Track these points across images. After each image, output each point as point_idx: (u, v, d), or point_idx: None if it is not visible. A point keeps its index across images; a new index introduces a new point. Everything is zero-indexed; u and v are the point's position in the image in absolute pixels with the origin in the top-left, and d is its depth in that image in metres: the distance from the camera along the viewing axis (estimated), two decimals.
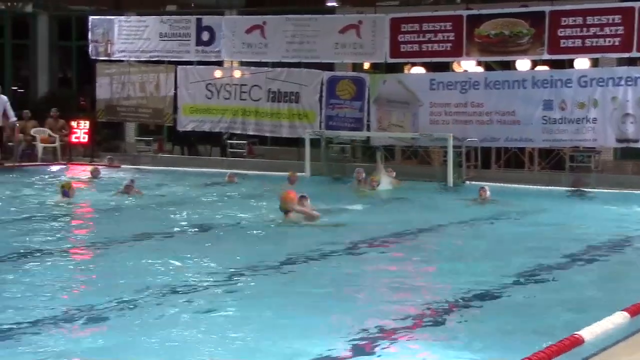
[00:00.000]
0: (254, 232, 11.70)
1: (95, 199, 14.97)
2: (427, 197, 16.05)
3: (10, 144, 21.73)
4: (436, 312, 7.31)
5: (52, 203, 14.14)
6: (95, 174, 17.87)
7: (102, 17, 23.43)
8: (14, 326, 6.64)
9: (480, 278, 8.61)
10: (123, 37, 22.55)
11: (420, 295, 7.97)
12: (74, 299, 7.69)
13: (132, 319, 6.99)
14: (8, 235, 11.14)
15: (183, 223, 12.49)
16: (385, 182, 16.55)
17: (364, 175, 16.62)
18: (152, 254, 9.81)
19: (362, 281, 8.72)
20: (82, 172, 19.83)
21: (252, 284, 8.46)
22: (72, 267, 9.35)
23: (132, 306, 7.37)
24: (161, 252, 9.94)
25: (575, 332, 5.88)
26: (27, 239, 10.84)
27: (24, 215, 12.98)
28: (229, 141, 22.18)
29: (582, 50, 17.76)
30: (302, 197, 12.32)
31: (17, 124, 21.73)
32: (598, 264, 9.84)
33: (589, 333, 5.96)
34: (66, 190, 14.23)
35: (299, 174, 17.39)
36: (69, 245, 10.59)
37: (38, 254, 9.78)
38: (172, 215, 13.32)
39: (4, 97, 21.37)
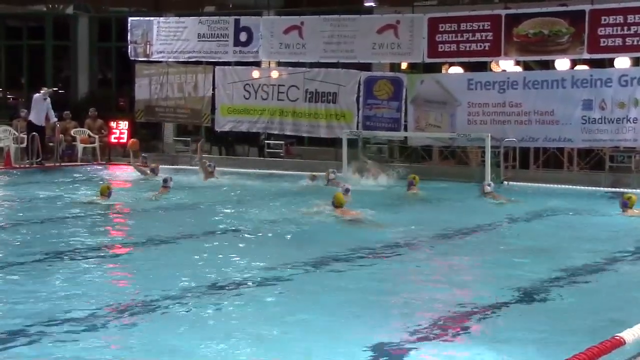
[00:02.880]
0: (293, 231, 11.78)
1: (133, 200, 15.11)
2: (458, 197, 15.97)
3: (50, 144, 22.00)
4: (471, 315, 7.24)
5: (90, 203, 14.26)
6: (155, 171, 18.07)
7: (141, 18, 23.65)
8: (48, 326, 6.70)
9: (515, 279, 8.55)
10: (162, 38, 22.73)
11: (453, 298, 7.89)
12: (108, 299, 7.70)
13: (167, 320, 7.04)
14: (46, 235, 11.27)
15: (222, 223, 12.54)
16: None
17: (333, 175, 16.96)
18: (185, 255, 9.90)
19: (393, 284, 8.61)
20: (122, 171, 20.12)
21: (291, 283, 8.47)
22: (107, 267, 9.39)
23: (164, 306, 7.41)
24: (194, 252, 10.00)
25: (617, 334, 5.83)
26: (63, 238, 10.94)
27: (61, 215, 13.11)
28: (266, 141, 22.26)
29: (622, 49, 17.58)
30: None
31: (58, 125, 22.00)
32: (635, 266, 9.72)
33: (630, 335, 5.91)
34: (106, 191, 14.41)
35: (338, 174, 17.56)
36: (103, 246, 10.59)
37: (71, 254, 9.85)
38: (207, 216, 13.43)
39: (49, 99, 21.64)
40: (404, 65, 21.77)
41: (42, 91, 21.61)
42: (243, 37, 21.53)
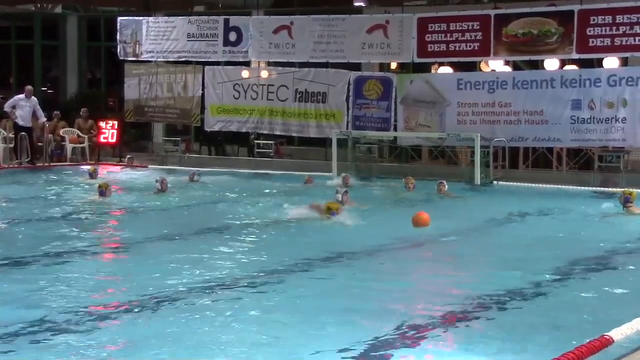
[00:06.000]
0: (282, 230, 11.79)
1: (130, 199, 15.11)
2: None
3: (39, 144, 21.93)
4: (460, 316, 7.23)
5: (89, 202, 14.28)
6: (94, 176, 17.79)
7: (131, 17, 23.59)
8: (46, 325, 6.71)
9: (504, 280, 8.56)
10: (151, 37, 22.69)
11: (441, 298, 7.88)
12: (102, 298, 7.76)
13: (161, 318, 7.04)
14: (43, 234, 11.28)
15: (215, 222, 12.54)
16: None
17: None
18: (177, 254, 9.88)
19: (375, 287, 8.47)
20: (110, 171, 20.12)
21: (281, 283, 8.48)
22: (104, 266, 9.44)
23: (160, 305, 7.43)
24: (187, 252, 10.01)
25: (605, 333, 5.85)
26: (61, 237, 10.96)
27: (60, 215, 13.14)
28: (256, 141, 22.24)
29: (611, 49, 17.62)
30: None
31: (47, 124, 21.92)
32: (623, 265, 9.72)
33: (619, 334, 5.94)
34: (103, 190, 14.52)
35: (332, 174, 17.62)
36: (101, 244, 10.69)
37: (68, 253, 9.87)
38: (201, 215, 13.42)
39: (34, 98, 21.55)
40: (393, 65, 21.79)
41: (18, 96, 21.40)
42: (232, 36, 21.50)
